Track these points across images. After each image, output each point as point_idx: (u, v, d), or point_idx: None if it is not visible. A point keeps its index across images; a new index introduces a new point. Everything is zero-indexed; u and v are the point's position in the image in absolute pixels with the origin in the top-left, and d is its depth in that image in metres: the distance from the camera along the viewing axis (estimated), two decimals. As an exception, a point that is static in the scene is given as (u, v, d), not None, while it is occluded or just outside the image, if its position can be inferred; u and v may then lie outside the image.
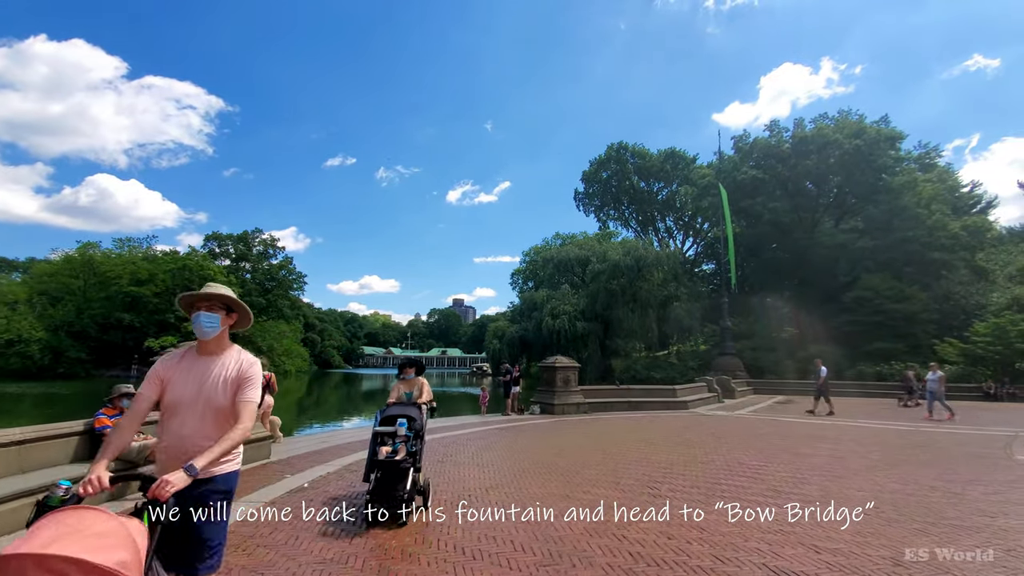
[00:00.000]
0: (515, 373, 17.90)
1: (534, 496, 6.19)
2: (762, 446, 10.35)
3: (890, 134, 40.76)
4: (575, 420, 15.46)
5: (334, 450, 9.71)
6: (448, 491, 6.52)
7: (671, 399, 19.93)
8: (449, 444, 10.38)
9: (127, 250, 65.23)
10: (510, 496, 6.22)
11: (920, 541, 4.66)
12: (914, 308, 32.44)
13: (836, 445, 10.56)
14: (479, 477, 7.42)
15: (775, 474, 7.63)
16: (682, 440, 11.11)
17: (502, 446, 10.34)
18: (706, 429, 13.11)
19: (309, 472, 7.70)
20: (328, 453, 9.41)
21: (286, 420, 12.72)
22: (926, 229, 36.90)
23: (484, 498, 6.14)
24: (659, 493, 6.37)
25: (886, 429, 13.62)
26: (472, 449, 9.82)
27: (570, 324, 40.26)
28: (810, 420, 15.80)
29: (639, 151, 67.05)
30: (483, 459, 8.81)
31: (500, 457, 9.02)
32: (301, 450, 9.79)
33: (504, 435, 11.90)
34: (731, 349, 33.88)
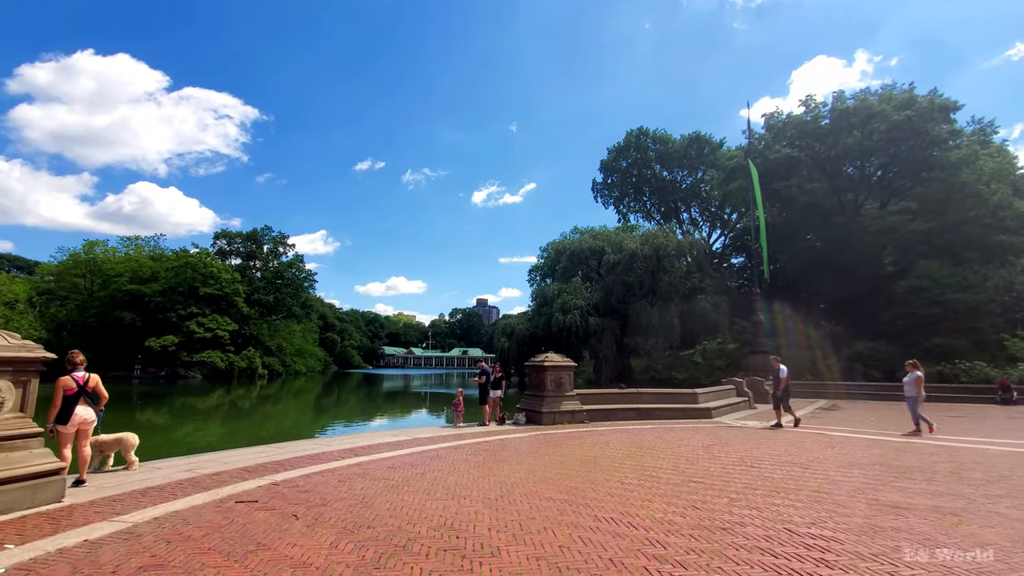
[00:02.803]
0: (494, 374, 14.61)
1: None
2: (820, 487, 6.84)
3: (944, 104, 35.95)
4: (562, 434, 12.08)
5: (187, 484, 6.64)
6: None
7: (691, 405, 16.38)
8: (306, 488, 7.18)
9: (133, 249, 64.04)
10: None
11: None
12: (980, 298, 27.90)
13: (937, 481, 6.98)
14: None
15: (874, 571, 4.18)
16: (697, 474, 7.66)
17: (407, 486, 7.08)
18: (734, 452, 9.60)
19: (88, 529, 4.61)
20: (175, 489, 6.35)
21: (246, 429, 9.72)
22: (989, 209, 32.23)
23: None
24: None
25: (1005, 452, 9.87)
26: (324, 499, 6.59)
27: (582, 319, 36.62)
28: (874, 438, 12.08)
29: (661, 137, 62.86)
30: (322, 516, 5.56)
31: (354, 517, 5.76)
32: (146, 483, 6.79)
33: (436, 462, 8.64)
34: (764, 347, 29.82)
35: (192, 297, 58.23)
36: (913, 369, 12.79)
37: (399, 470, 7.68)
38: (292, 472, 7.53)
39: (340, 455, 8.95)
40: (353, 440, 10.77)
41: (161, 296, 57.02)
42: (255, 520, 5.17)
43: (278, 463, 8.24)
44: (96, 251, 62.17)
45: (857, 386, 26.45)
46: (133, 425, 22.95)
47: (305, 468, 7.82)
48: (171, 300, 56.93)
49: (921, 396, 12.58)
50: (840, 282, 37.12)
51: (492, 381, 14.46)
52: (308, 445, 10.18)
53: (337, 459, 8.55)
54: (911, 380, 12.64)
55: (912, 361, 13.21)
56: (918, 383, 12.57)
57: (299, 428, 21.93)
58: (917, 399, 12.55)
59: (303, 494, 6.23)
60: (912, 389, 12.62)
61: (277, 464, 8.15)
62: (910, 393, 12.66)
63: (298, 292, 75.63)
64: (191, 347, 55.92)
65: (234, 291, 60.55)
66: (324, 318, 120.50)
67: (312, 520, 5.16)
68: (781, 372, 13.99)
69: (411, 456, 8.90)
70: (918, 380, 12.58)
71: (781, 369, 14.05)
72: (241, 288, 62.13)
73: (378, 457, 8.74)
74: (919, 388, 12.56)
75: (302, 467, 7.90)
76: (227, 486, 6.66)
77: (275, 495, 6.17)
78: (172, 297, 57.23)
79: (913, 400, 12.60)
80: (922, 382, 12.64)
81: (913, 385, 12.61)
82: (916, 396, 12.56)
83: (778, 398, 14.12)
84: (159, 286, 57.63)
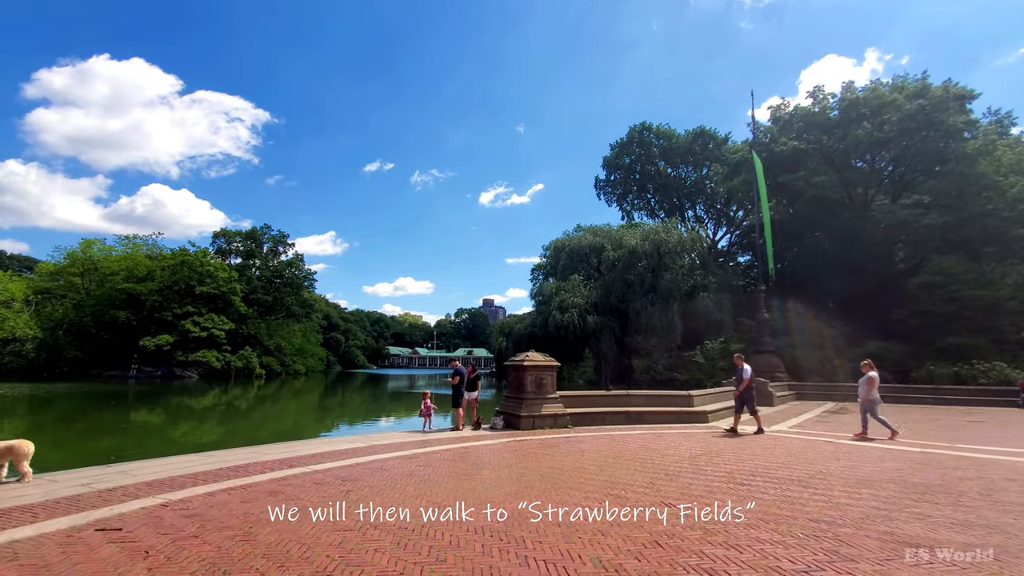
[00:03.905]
0: (469, 374, 13.45)
1: None
2: (820, 513, 5.62)
3: (960, 93, 34.34)
4: (537, 441, 10.92)
5: (64, 503, 5.55)
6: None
7: (685, 408, 15.15)
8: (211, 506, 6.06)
9: (131, 248, 63.47)
10: None
11: None
12: (998, 295, 26.39)
13: (964, 506, 5.74)
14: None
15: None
16: (674, 494, 6.46)
17: (319, 509, 5.94)
18: (724, 464, 8.38)
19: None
20: (43, 509, 5.27)
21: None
22: (1008, 202, 30.62)
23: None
24: None
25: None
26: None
27: (580, 318, 35.31)
28: (886, 447, 10.83)
29: (664, 132, 61.48)
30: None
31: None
32: (17, 501, 5.77)
33: (375, 477, 7.51)
34: (769, 346, 28.53)
35: (188, 296, 57.53)
36: (868, 370, 12.16)
37: (324, 487, 6.55)
38: (198, 488, 6.43)
39: (271, 466, 7.84)
40: (297, 448, 9.66)
41: (157, 295, 56.32)
42: (94, 558, 4.07)
43: (194, 475, 7.15)
44: (93, 250, 61.57)
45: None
46: (125, 425, 22.24)
47: (219, 483, 6.72)
48: (167, 299, 56.22)
49: (873, 398, 11.89)
50: (849, 279, 35.65)
51: (467, 382, 13.32)
52: (245, 454, 9.08)
53: (261, 472, 7.44)
54: (864, 381, 12.07)
55: (867, 361, 12.57)
56: (871, 384, 11.91)
57: (299, 429, 20.91)
58: (869, 401, 11.92)
59: (185, 519, 5.12)
60: (865, 390, 12.01)
61: (192, 477, 7.06)
62: (863, 395, 12.05)
63: (298, 291, 74.81)
64: (186, 347, 55.18)
65: (231, 290, 59.77)
66: (328, 318, 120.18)
67: (164, 559, 4.04)
68: (744, 372, 12.57)
69: (350, 469, 7.76)
70: (871, 381, 11.92)
71: (744, 369, 12.63)
72: (238, 287, 61.35)
73: (310, 470, 7.61)
74: (871, 390, 11.90)
75: (215, 482, 6.80)
76: (106, 507, 5.56)
77: (150, 521, 5.06)
78: (168, 296, 56.52)
79: (867, 402, 11.97)
80: (875, 383, 11.96)
81: (866, 386, 12.00)
82: (868, 397, 11.93)
83: (741, 400, 12.65)
84: (155, 285, 56.92)
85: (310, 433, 19.24)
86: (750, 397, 12.70)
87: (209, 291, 57.92)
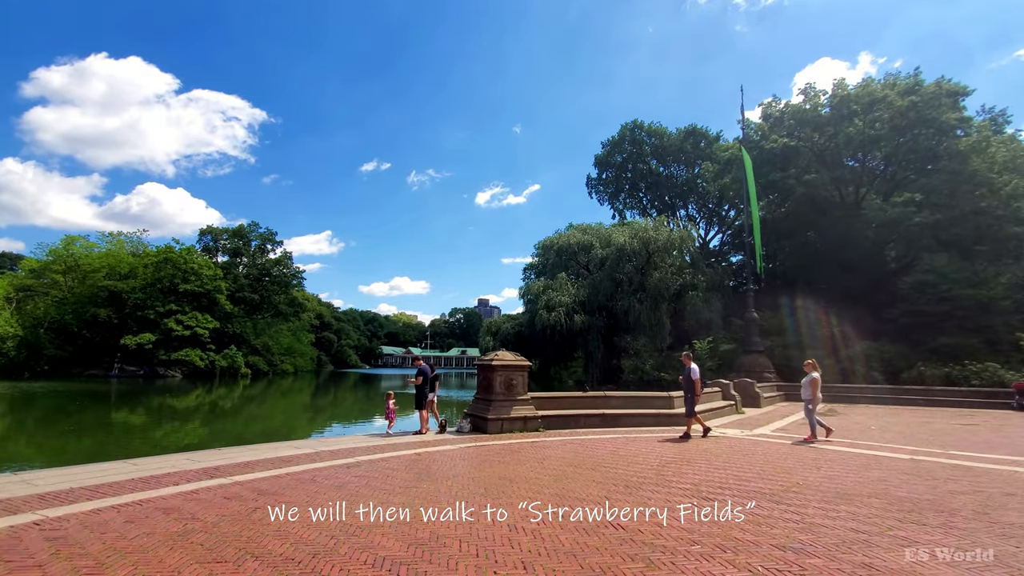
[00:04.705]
0: (432, 373, 12.67)
1: None
2: (789, 539, 4.88)
3: (952, 89, 33.84)
4: (499, 447, 10.15)
5: None
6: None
7: (665, 411, 14.41)
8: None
9: (115, 245, 62.27)
10: None
11: None
12: (991, 294, 25.81)
13: (958, 528, 5.01)
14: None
15: None
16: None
17: (208, 530, 5.16)
18: (693, 474, 7.65)
19: None
20: None
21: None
22: (1001, 199, 30.09)
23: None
24: None
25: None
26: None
27: (567, 317, 34.54)
28: (873, 454, 10.13)
29: (656, 130, 60.86)
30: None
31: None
32: None
33: (300, 490, 6.74)
34: (758, 346, 27.91)
35: (172, 294, 56.40)
36: (810, 370, 11.67)
37: (234, 502, 5.76)
38: (88, 504, 5.62)
39: (189, 477, 7.04)
40: (232, 455, 8.85)
41: (140, 293, 55.19)
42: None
43: (96, 488, 6.34)
44: (76, 247, 60.33)
45: (858, 388, 24.44)
46: (106, 424, 21.31)
47: (116, 497, 5.91)
48: (150, 297, 55.09)
49: (817, 399, 11.50)
50: (841, 279, 35.08)
51: (430, 382, 12.53)
52: (173, 462, 8.25)
53: (175, 483, 6.64)
54: (807, 382, 11.59)
55: (810, 361, 12.10)
56: (814, 385, 11.43)
57: (288, 429, 20.04)
58: (812, 402, 11.47)
59: (45, 542, 4.32)
60: (808, 392, 11.53)
61: (93, 489, 6.25)
62: (805, 396, 11.58)
63: (286, 290, 73.74)
64: (169, 345, 54.07)
65: (216, 288, 58.68)
66: (321, 317, 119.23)
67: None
68: (692, 372, 11.71)
69: (276, 480, 6.97)
70: (814, 382, 11.44)
71: (692, 369, 11.75)
72: (224, 285, 60.25)
73: (230, 481, 6.81)
74: (815, 391, 11.44)
75: (115, 495, 5.99)
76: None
77: (2, 544, 4.27)
78: (151, 294, 55.38)
79: (807, 403, 11.57)
80: (818, 384, 11.50)
81: (808, 388, 11.52)
82: (812, 399, 11.46)
83: (689, 402, 11.68)
84: (138, 282, 55.79)
85: (284, 436, 18.37)
86: (690, 399, 11.69)
87: (193, 289, 56.82)
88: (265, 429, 21.81)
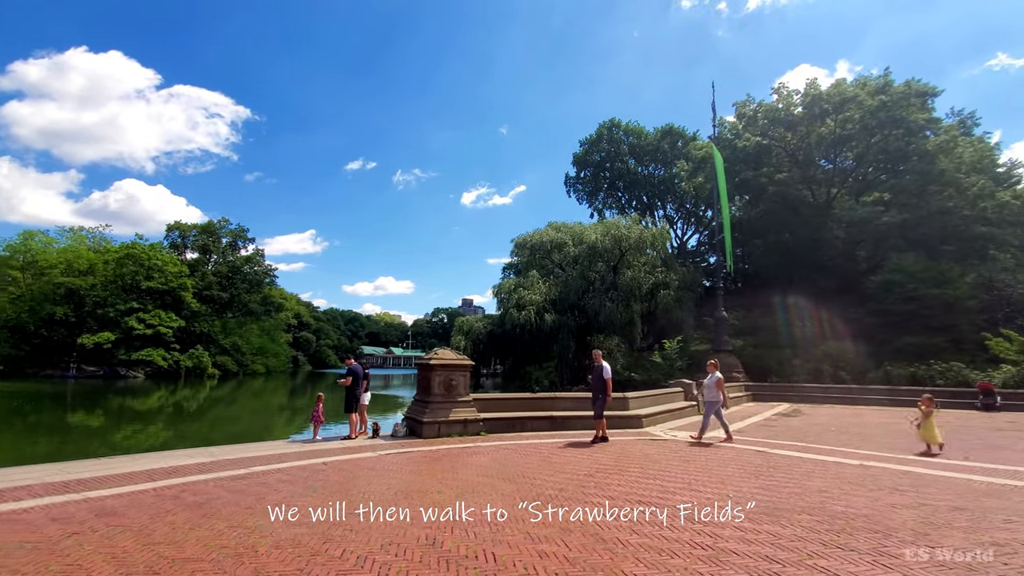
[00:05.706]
0: (363, 373, 11.77)
1: None
2: (688, 572, 4.14)
3: (922, 89, 33.93)
4: (422, 454, 9.32)
5: None
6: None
7: (619, 412, 13.70)
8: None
9: (75, 239, 59.97)
10: None
11: None
12: (957, 294, 25.68)
13: (890, 552, 4.31)
14: None
15: None
16: (518, 535, 4.95)
17: (30, 556, 4.26)
18: (619, 486, 6.91)
19: None
20: None
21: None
22: (968, 199, 30.16)
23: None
24: None
25: (995, 487, 7.28)
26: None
27: (537, 316, 33.79)
28: (821, 459, 9.52)
29: (633, 129, 60.49)
30: None
31: None
32: None
33: (155, 506, 5.85)
34: (727, 345, 27.46)
35: (134, 291, 54.48)
36: (713, 370, 11.33)
37: (64, 524, 4.84)
38: None
39: (38, 491, 6.08)
40: (116, 465, 7.87)
41: (100, 290, 53.19)
42: None
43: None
44: (34, 242, 57.96)
45: (824, 389, 24.08)
46: (61, 427, 19.97)
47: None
48: (111, 294, 53.12)
49: (724, 400, 11.09)
50: (814, 279, 34.93)
51: (363, 383, 11.64)
52: (39, 472, 7.27)
53: (15, 500, 5.69)
54: (711, 383, 11.14)
55: (712, 361, 11.84)
56: (718, 385, 10.98)
57: (256, 431, 18.91)
58: (714, 402, 11.02)
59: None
60: (713, 393, 11.04)
61: None
62: (711, 397, 11.08)
63: (258, 288, 71.92)
64: (131, 345, 52.14)
65: (181, 285, 56.83)
66: (299, 317, 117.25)
67: None
68: (604, 371, 10.99)
69: (133, 496, 6.05)
70: (718, 383, 11.01)
71: (604, 367, 11.04)
72: (189, 282, 58.40)
73: (80, 497, 5.87)
74: (721, 392, 10.99)
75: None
76: None
77: None
78: (112, 291, 53.41)
79: (712, 404, 11.09)
80: (723, 384, 11.10)
81: (714, 388, 11.04)
82: (718, 400, 10.97)
83: (598, 403, 10.92)
84: (97, 279, 53.76)
85: (255, 437, 17.30)
86: (600, 400, 10.90)
87: (157, 286, 54.96)
88: (234, 431, 20.64)
